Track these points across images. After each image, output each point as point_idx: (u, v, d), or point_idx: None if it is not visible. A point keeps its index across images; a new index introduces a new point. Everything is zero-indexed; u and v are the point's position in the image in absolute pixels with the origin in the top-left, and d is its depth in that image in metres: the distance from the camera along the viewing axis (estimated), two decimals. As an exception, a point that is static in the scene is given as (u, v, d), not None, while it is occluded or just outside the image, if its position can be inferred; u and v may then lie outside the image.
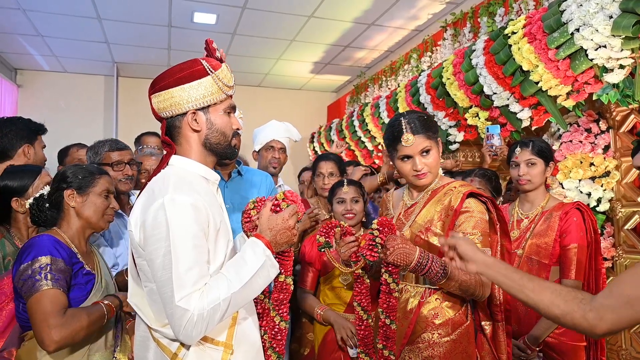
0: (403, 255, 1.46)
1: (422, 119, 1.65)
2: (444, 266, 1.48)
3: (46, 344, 1.37)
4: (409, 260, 1.46)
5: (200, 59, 1.29)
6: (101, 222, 1.67)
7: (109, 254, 2.12)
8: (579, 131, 2.75)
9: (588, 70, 2.25)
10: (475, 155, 3.47)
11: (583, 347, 1.99)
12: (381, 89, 5.36)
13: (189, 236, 1.15)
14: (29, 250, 1.48)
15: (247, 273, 1.21)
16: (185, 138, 1.32)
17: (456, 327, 1.61)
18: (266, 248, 1.27)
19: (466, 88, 2.95)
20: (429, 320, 1.62)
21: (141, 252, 1.21)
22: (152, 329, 1.25)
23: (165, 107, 1.29)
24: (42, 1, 4.17)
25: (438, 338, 1.60)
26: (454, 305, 1.63)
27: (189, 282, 1.13)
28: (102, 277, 1.64)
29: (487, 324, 1.68)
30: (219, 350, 1.25)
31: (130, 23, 4.68)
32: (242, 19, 4.57)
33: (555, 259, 1.99)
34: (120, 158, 2.22)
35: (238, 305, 1.21)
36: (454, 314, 1.62)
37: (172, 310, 1.12)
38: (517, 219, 2.15)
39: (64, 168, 1.68)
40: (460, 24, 3.96)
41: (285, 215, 1.33)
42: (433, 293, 1.64)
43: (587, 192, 2.67)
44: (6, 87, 5.57)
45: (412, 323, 1.63)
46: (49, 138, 2.42)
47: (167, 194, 1.17)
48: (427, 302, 1.64)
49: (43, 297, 1.40)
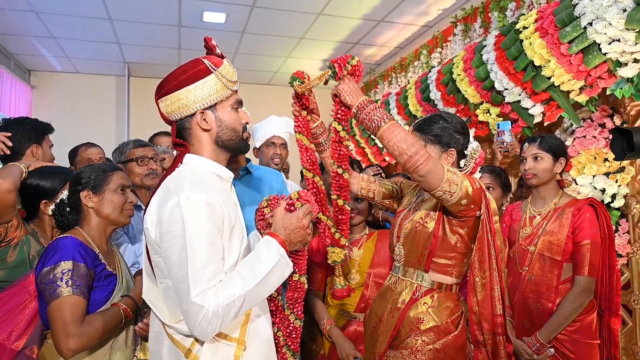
0: (352, 92, 1.48)
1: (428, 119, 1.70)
2: (384, 118, 1.44)
3: (63, 352, 1.41)
4: (356, 98, 1.47)
5: (201, 58, 1.30)
6: (121, 218, 1.69)
7: (130, 252, 2.15)
8: (593, 126, 2.72)
9: (601, 65, 2.22)
10: (486, 151, 3.44)
11: (597, 344, 1.97)
12: (391, 85, 5.34)
13: (205, 233, 1.16)
14: (52, 253, 1.50)
15: (261, 271, 1.22)
16: (196, 138, 1.33)
17: (441, 335, 1.58)
18: (280, 247, 1.28)
19: (477, 84, 2.93)
20: (413, 324, 1.60)
21: (157, 249, 1.22)
22: (166, 325, 1.27)
23: (174, 110, 1.30)
24: (55, 3, 4.22)
25: (421, 345, 1.57)
26: (442, 312, 1.60)
27: (205, 278, 1.14)
28: (123, 277, 1.67)
29: (488, 337, 1.60)
30: (232, 346, 1.26)
31: (140, 23, 4.72)
32: (251, 17, 4.58)
33: (568, 255, 1.98)
34: (144, 153, 2.33)
35: (252, 302, 1.22)
36: (441, 321, 1.59)
37: (188, 306, 1.14)
38: (530, 216, 2.14)
39: (78, 170, 1.71)
40: (470, 19, 3.92)
41: (300, 215, 1.34)
42: (425, 294, 1.63)
43: (601, 188, 2.64)
44: (20, 88, 5.65)
45: (399, 322, 1.62)
46: (62, 138, 2.46)
47: (183, 191, 1.18)
48: (416, 304, 1.62)
49: (63, 304, 1.43)
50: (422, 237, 1.64)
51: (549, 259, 2.00)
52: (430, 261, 1.63)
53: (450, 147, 1.64)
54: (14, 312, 1.65)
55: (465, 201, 1.50)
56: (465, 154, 1.68)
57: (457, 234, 1.61)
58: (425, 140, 1.65)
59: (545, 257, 2.02)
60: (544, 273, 2.00)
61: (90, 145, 2.74)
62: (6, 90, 5.18)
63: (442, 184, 1.44)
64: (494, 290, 1.59)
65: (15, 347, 1.62)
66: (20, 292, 1.68)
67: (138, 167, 2.30)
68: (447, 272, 1.64)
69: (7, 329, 1.63)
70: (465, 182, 1.49)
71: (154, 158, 2.36)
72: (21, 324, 1.64)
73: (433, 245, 1.61)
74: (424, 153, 1.42)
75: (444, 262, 1.63)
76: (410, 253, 1.68)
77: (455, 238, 1.61)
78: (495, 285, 1.59)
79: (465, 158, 1.67)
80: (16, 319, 1.65)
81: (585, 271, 1.91)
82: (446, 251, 1.62)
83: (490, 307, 1.59)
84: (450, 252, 1.62)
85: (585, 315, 1.95)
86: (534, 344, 1.93)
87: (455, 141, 1.65)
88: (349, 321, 2.13)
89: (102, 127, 6.25)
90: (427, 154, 1.42)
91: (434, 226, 1.62)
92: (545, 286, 1.99)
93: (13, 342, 1.61)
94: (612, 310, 1.99)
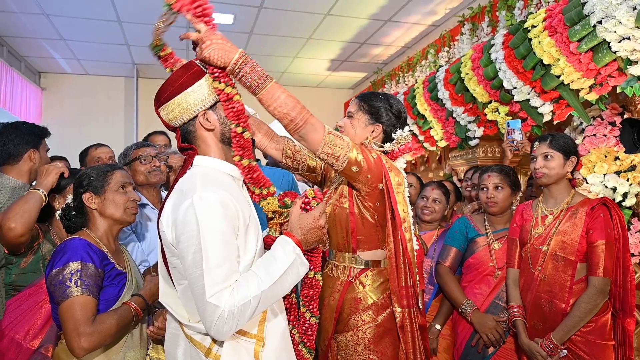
0: (221, 52, 1.28)
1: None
2: (264, 79, 1.38)
3: (76, 351, 1.43)
4: (228, 57, 1.30)
5: (193, 61, 1.31)
6: (125, 216, 1.70)
7: (138, 251, 2.18)
8: (603, 125, 2.70)
9: (611, 63, 2.20)
10: (495, 150, 3.43)
11: (612, 345, 1.95)
12: (398, 85, 5.33)
13: (219, 233, 1.17)
14: (61, 254, 1.52)
15: (277, 271, 1.22)
16: (202, 139, 1.33)
17: (380, 311, 1.64)
18: (296, 246, 1.28)
19: (485, 83, 2.92)
20: (353, 305, 1.66)
21: (174, 250, 1.23)
22: (185, 325, 1.28)
23: (176, 116, 1.31)
24: (65, 6, 4.27)
25: (362, 324, 1.63)
26: (377, 289, 1.67)
27: (220, 278, 1.15)
28: (132, 276, 1.69)
29: (397, 311, 1.64)
30: (252, 343, 1.27)
31: (149, 25, 4.73)
32: (259, 18, 4.60)
33: (582, 255, 1.96)
34: (147, 152, 2.38)
35: (268, 303, 1.23)
36: (377, 298, 1.65)
37: (204, 306, 1.14)
38: (542, 215, 2.12)
39: (80, 173, 1.72)
40: (478, 19, 3.91)
41: (316, 214, 1.34)
42: (360, 274, 1.68)
43: (612, 186, 2.62)
44: (30, 90, 5.71)
45: (339, 305, 1.67)
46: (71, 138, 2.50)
47: (196, 192, 1.19)
48: (352, 286, 1.68)
49: (74, 304, 1.44)
50: (342, 218, 1.70)
51: (563, 259, 1.99)
52: (355, 240, 1.69)
53: (377, 123, 1.73)
54: (30, 311, 1.68)
55: (356, 168, 1.55)
56: (392, 137, 1.75)
57: (370, 209, 1.66)
58: (359, 107, 1.76)
59: (558, 257, 2.01)
60: (557, 273, 1.99)
61: (99, 146, 2.78)
62: (17, 92, 5.24)
63: (322, 145, 1.50)
64: (399, 260, 1.64)
65: (32, 346, 1.65)
66: (36, 293, 1.70)
67: (142, 165, 2.35)
68: (377, 245, 1.71)
69: (24, 328, 1.65)
70: (353, 150, 1.55)
71: (156, 156, 2.41)
72: (37, 324, 1.67)
73: (353, 223, 1.67)
74: (304, 115, 1.47)
75: (369, 238, 1.69)
76: (335, 235, 1.73)
77: (369, 213, 1.67)
78: (399, 257, 1.64)
79: (391, 141, 1.74)
80: (32, 319, 1.67)
81: (600, 272, 1.90)
82: (367, 227, 1.68)
83: (396, 279, 1.64)
84: (371, 228, 1.68)
85: (600, 316, 1.93)
86: (547, 345, 1.92)
87: (386, 120, 1.74)
88: None
89: (111, 128, 6.31)
90: (307, 116, 1.47)
91: (349, 205, 1.67)
92: (558, 286, 1.98)
93: (30, 341, 1.64)
94: (626, 311, 1.97)
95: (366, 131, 1.73)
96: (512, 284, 2.16)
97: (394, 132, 1.74)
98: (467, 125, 3.30)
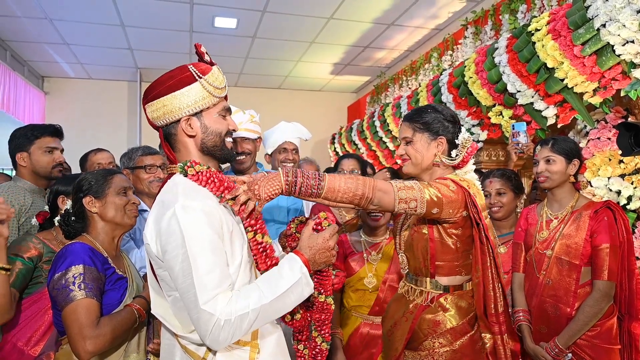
0: (270, 184, 1.32)
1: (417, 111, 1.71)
2: (319, 180, 1.37)
3: (81, 355, 1.42)
4: (277, 185, 1.33)
5: (188, 65, 1.31)
6: (126, 219, 1.69)
7: (138, 257, 2.17)
8: (607, 128, 2.69)
9: (615, 66, 2.20)
10: (499, 154, 3.42)
11: (617, 349, 1.94)
12: (401, 88, 5.33)
13: (205, 240, 1.16)
14: (63, 259, 1.51)
15: (280, 287, 1.21)
16: (182, 144, 1.33)
17: (458, 336, 1.58)
18: (303, 265, 1.26)
19: (489, 86, 2.92)
20: (430, 327, 1.60)
21: (160, 262, 1.23)
22: (179, 335, 1.27)
23: (159, 116, 1.31)
24: (68, 10, 4.28)
25: (439, 347, 1.58)
26: (457, 314, 1.61)
27: (211, 284, 1.14)
28: (133, 281, 1.68)
29: (487, 337, 1.61)
30: (246, 350, 1.26)
31: (152, 29, 4.77)
32: (262, 22, 4.61)
33: (586, 259, 1.95)
34: (152, 162, 2.37)
35: (267, 318, 1.21)
36: (457, 323, 1.59)
37: (198, 314, 1.13)
38: (547, 219, 2.12)
39: (78, 179, 1.72)
40: (481, 22, 3.91)
41: (327, 235, 1.32)
42: (438, 298, 1.63)
43: (616, 190, 2.61)
44: (34, 94, 5.73)
45: (413, 325, 1.63)
46: (75, 143, 2.49)
47: (177, 202, 1.18)
48: (430, 308, 1.63)
49: (78, 307, 1.44)
50: (420, 243, 1.65)
51: (567, 263, 1.98)
52: (434, 265, 1.64)
53: (439, 135, 1.64)
54: (34, 317, 1.68)
55: (437, 209, 1.50)
56: (456, 143, 1.67)
57: (452, 236, 1.61)
58: (413, 129, 1.66)
59: (563, 261, 2.00)
60: (562, 277, 1.98)
61: (99, 151, 2.78)
62: (20, 96, 5.26)
63: (397, 204, 1.47)
64: (487, 288, 1.59)
65: (33, 353, 1.64)
66: (40, 299, 1.70)
67: (145, 174, 2.34)
68: (455, 271, 1.65)
69: (26, 334, 1.65)
70: (426, 192, 1.49)
71: (162, 167, 2.38)
72: (40, 329, 1.67)
73: (432, 249, 1.62)
74: (369, 184, 1.44)
75: (449, 264, 1.63)
76: (413, 259, 1.69)
77: (452, 240, 1.62)
78: (488, 283, 1.59)
79: (456, 148, 1.67)
80: (36, 324, 1.67)
81: (604, 275, 1.89)
82: (447, 253, 1.63)
83: (484, 306, 1.60)
84: (451, 254, 1.63)
85: (605, 320, 1.92)
86: (552, 349, 1.91)
87: (445, 129, 1.65)
88: (363, 323, 2.15)
89: (115, 132, 6.32)
90: (372, 183, 1.45)
91: (428, 230, 1.62)
92: (563, 290, 1.97)
93: (31, 347, 1.64)
94: (632, 315, 1.96)
95: (431, 149, 1.65)
96: (517, 288, 2.15)
97: (457, 138, 1.67)
98: (471, 128, 3.29)
